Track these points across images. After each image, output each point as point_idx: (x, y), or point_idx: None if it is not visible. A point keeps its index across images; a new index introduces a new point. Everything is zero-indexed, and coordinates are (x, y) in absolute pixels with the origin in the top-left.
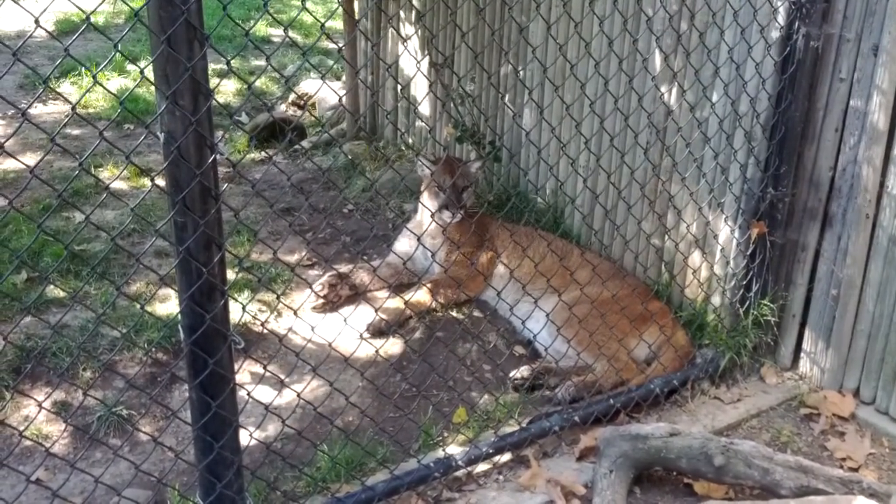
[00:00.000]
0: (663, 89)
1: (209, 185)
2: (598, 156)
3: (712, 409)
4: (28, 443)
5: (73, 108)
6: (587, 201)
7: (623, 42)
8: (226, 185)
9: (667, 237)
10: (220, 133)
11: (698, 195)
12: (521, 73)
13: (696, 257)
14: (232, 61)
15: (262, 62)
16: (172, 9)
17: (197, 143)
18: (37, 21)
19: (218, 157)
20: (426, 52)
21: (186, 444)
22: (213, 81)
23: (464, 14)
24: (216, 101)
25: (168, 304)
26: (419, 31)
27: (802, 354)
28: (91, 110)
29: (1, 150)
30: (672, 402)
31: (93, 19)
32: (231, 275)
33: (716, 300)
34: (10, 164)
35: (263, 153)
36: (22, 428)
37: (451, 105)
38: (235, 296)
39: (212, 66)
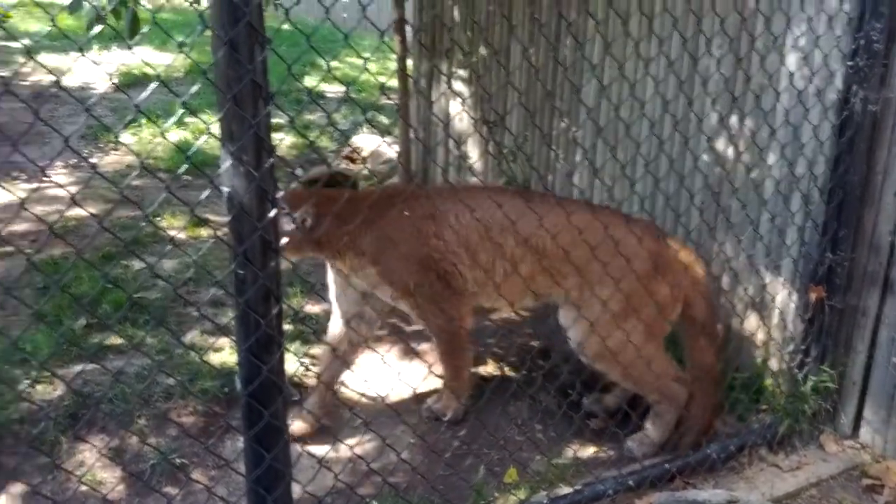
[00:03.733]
0: (719, 150)
1: (270, 239)
2: (653, 216)
3: (770, 476)
4: (84, 488)
5: (142, 163)
6: None
7: (678, 104)
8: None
9: (723, 299)
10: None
11: (755, 257)
12: (574, 132)
13: (752, 320)
14: (287, 116)
15: (314, 116)
16: (239, 68)
17: (259, 198)
18: (111, 77)
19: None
20: (479, 110)
21: (239, 495)
22: (274, 136)
23: (518, 76)
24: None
25: (221, 354)
26: (473, 90)
27: (863, 423)
28: (150, 160)
29: (72, 202)
30: (729, 467)
31: (154, 73)
32: (285, 326)
33: (773, 364)
34: (72, 212)
35: None
36: (79, 473)
37: (504, 162)
38: (289, 347)
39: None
